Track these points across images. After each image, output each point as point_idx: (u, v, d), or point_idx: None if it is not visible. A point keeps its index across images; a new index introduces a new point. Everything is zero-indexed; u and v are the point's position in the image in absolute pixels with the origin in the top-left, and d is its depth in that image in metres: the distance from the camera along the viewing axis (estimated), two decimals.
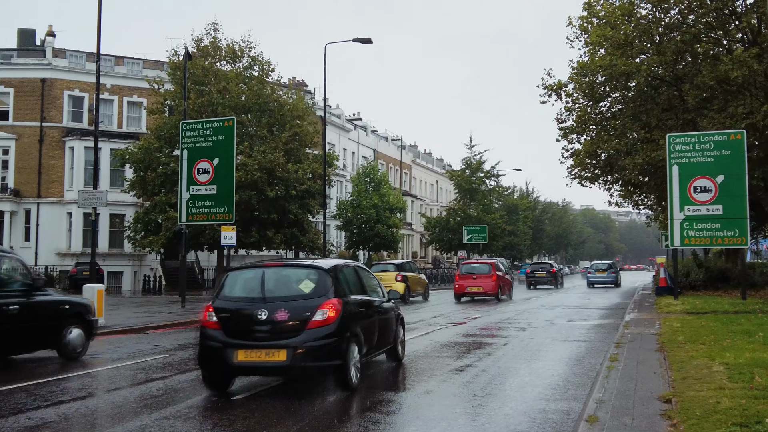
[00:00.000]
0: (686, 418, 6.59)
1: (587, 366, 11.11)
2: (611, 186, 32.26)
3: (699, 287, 29.04)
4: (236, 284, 9.52)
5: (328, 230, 39.82)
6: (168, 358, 12.57)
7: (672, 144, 21.53)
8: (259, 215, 33.39)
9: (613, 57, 24.78)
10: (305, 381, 9.66)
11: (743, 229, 20.80)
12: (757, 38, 24.13)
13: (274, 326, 8.69)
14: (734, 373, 8.72)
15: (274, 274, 9.53)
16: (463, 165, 59.05)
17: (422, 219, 64.31)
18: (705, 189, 20.95)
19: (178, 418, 7.64)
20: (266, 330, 8.71)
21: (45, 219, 41.10)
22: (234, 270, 10.02)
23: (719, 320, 15.96)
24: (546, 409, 7.90)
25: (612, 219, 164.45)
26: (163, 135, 33.80)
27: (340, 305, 8.92)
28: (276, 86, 36.60)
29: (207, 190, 22.72)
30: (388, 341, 10.96)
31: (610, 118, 28.87)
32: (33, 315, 11.66)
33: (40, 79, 41.82)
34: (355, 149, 62.60)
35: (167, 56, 36.02)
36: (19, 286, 11.60)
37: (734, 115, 22.96)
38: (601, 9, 26.04)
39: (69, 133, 41.63)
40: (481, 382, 9.74)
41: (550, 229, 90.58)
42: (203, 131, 23.12)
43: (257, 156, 32.31)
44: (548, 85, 27.99)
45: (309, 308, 8.79)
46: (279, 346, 8.58)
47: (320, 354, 8.62)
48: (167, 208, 32.05)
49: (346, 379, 8.89)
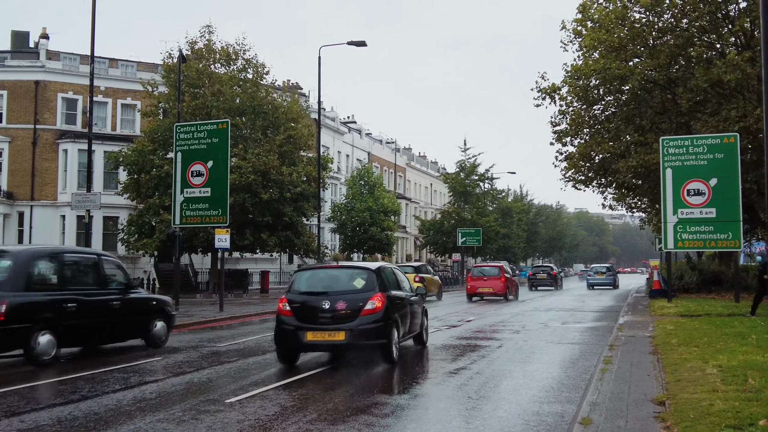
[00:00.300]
0: (680, 421, 6.61)
1: (581, 368, 11.12)
2: (605, 189, 32.34)
3: (692, 290, 29.12)
4: (303, 282, 12.31)
5: (322, 233, 39.79)
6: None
7: (665, 147, 21.58)
8: (253, 218, 33.32)
9: (607, 60, 24.86)
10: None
11: (736, 232, 20.85)
12: (750, 42, 24.23)
13: (335, 314, 11.28)
14: (727, 375, 8.74)
15: (332, 274, 12.43)
16: (457, 168, 59.13)
17: (416, 222, 64.34)
18: (698, 192, 21.00)
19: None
20: (329, 316, 11.29)
21: (38, 221, 40.94)
22: (300, 271, 13.16)
23: (713, 323, 16.00)
24: (540, 412, 7.91)
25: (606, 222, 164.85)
26: (157, 137, 33.71)
27: (384, 298, 11.53)
28: (270, 89, 36.58)
29: (201, 193, 22.68)
30: (416, 328, 13.57)
31: (604, 121, 28.95)
32: (129, 309, 14.00)
33: (33, 82, 41.68)
34: (349, 152, 62.61)
35: (161, 59, 35.94)
36: (118, 285, 13.96)
37: (727, 118, 23.05)
38: (595, 12, 26.12)
39: (62, 135, 41.49)
40: (476, 385, 9.74)
41: (544, 231, 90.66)
42: (197, 134, 23.08)
43: (251, 159, 32.27)
44: (542, 89, 28.07)
45: (361, 300, 11.39)
46: (339, 329, 11.15)
47: (370, 335, 11.23)
48: (161, 210, 31.97)
49: (390, 354, 11.54)
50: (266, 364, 11.78)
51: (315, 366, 11.61)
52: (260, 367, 11.48)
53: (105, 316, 13.38)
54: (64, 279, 12.83)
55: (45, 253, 13.04)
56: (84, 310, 12.77)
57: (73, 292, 12.73)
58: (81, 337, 13.19)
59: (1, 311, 11.21)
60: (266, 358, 12.54)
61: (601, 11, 25.78)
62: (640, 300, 29.18)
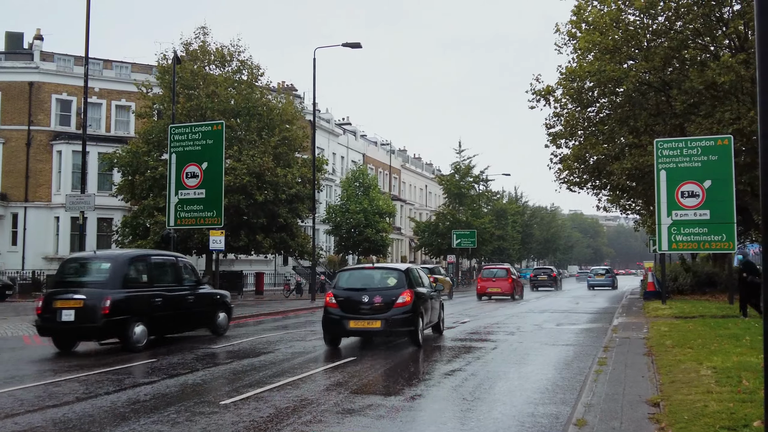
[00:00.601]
0: (674, 422, 6.62)
1: (576, 370, 11.14)
2: (599, 191, 32.36)
3: (687, 291, 29.18)
4: (345, 280, 14.77)
5: (317, 234, 39.74)
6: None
7: (660, 149, 21.62)
8: (248, 219, 33.28)
9: (602, 62, 24.88)
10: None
11: (730, 234, 20.90)
12: (744, 44, 24.29)
13: (373, 306, 13.86)
14: (722, 376, 8.77)
15: (369, 274, 15.02)
16: (452, 170, 59.17)
17: (411, 223, 64.33)
18: (692, 194, 21.03)
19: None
20: (368, 308, 13.87)
21: (32, 223, 40.83)
22: (343, 271, 15.79)
23: (707, 324, 16.04)
24: (535, 413, 7.91)
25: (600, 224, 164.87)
26: (151, 139, 33.64)
27: (412, 293, 14.07)
28: (265, 90, 36.53)
29: (196, 194, 22.64)
30: (435, 319, 16.10)
31: (598, 123, 28.97)
32: (200, 303, 16.29)
33: (27, 83, 41.58)
34: (344, 153, 62.61)
35: (156, 60, 35.82)
36: (190, 282, 16.21)
37: (721, 120, 23.10)
38: (590, 15, 26.14)
39: (57, 136, 41.38)
40: (470, 386, 9.74)
41: (539, 233, 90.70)
42: (192, 135, 23.04)
43: (246, 160, 32.23)
44: (537, 91, 28.08)
45: (394, 295, 13.92)
46: (376, 318, 13.75)
47: (402, 323, 13.85)
48: (155, 212, 31.91)
49: (417, 339, 14.16)
50: (261, 366, 11.77)
51: (311, 367, 11.62)
52: (255, 369, 11.46)
53: (183, 309, 15.65)
54: (151, 278, 15.01)
55: (136, 257, 15.29)
56: (167, 304, 15.06)
57: (159, 289, 14.97)
58: (165, 327, 15.48)
59: (105, 305, 13.36)
60: (261, 360, 12.53)
61: (596, 14, 25.80)
62: (635, 301, 29.24)
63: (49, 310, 13.75)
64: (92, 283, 14.07)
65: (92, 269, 14.58)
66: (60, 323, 13.54)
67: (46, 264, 39.70)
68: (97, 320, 13.37)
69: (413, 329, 13.99)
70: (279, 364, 11.93)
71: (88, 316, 13.40)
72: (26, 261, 39.85)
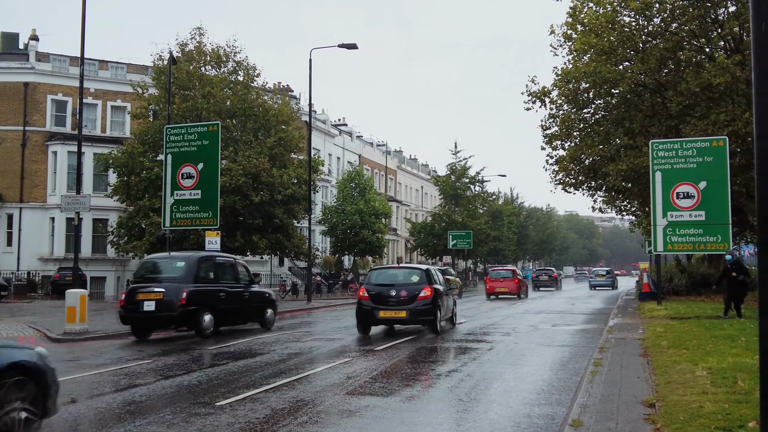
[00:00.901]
0: (670, 423, 6.63)
1: (571, 371, 11.14)
2: (595, 192, 32.41)
3: (682, 292, 29.24)
4: (375, 277, 17.74)
5: (313, 235, 39.68)
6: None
7: (655, 150, 21.65)
8: (243, 220, 33.23)
9: (597, 64, 24.92)
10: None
11: (726, 235, 20.93)
12: (740, 46, 24.35)
13: (399, 299, 16.58)
14: (717, 377, 8.78)
15: (395, 272, 18.19)
16: (448, 171, 59.19)
17: (407, 224, 64.34)
18: (688, 195, 21.05)
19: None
20: (395, 301, 16.60)
21: (27, 224, 40.74)
22: (373, 270, 19.33)
23: (702, 325, 16.08)
24: (531, 414, 7.92)
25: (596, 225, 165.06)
26: (147, 139, 33.56)
27: (432, 289, 16.74)
28: (261, 91, 36.49)
29: (191, 195, 22.58)
30: (449, 312, 18.73)
31: (594, 125, 29.02)
32: (253, 299, 18.56)
33: (23, 83, 41.51)
34: (340, 154, 62.59)
35: (152, 60, 35.77)
36: (245, 281, 18.48)
37: (716, 122, 23.15)
38: (585, 17, 26.18)
39: (52, 137, 41.31)
40: (466, 387, 9.74)
41: (535, 234, 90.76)
42: (188, 136, 22.98)
43: (242, 161, 32.19)
44: (532, 92, 28.12)
45: (417, 290, 16.60)
46: (402, 309, 16.46)
47: (423, 313, 16.50)
48: (151, 212, 31.83)
49: (436, 327, 16.82)
50: (257, 367, 11.75)
51: (307, 368, 11.61)
52: (251, 370, 11.45)
53: (241, 303, 17.94)
54: (216, 275, 17.49)
55: (204, 257, 17.79)
56: (229, 298, 17.35)
57: (222, 285, 17.41)
58: (227, 319, 17.68)
59: (182, 297, 15.64)
60: (257, 361, 12.52)
61: (591, 15, 25.84)
62: (630, 302, 29.27)
63: (132, 301, 15.96)
64: (169, 278, 16.33)
65: (169, 267, 16.92)
66: (142, 312, 15.74)
67: (42, 265, 39.64)
68: (175, 310, 15.65)
69: (432, 318, 16.59)
70: (275, 365, 11.92)
71: (167, 306, 15.66)
72: (21, 262, 39.77)
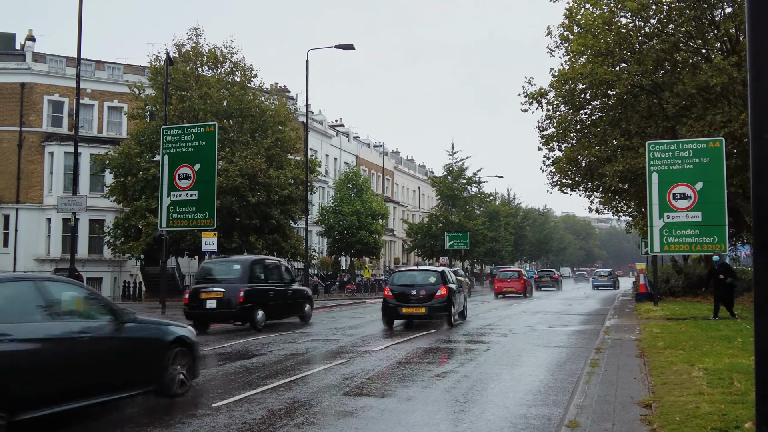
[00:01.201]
0: (666, 423, 6.64)
1: (568, 371, 11.14)
2: (591, 193, 32.43)
3: (678, 293, 29.26)
4: (398, 278, 20.56)
5: (309, 236, 39.68)
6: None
7: (651, 151, 21.69)
8: (240, 221, 33.21)
9: (594, 65, 24.94)
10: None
11: (722, 236, 20.98)
12: (736, 47, 24.39)
13: (419, 297, 19.17)
14: (713, 378, 8.79)
15: (415, 274, 20.77)
16: (445, 171, 59.18)
17: (404, 225, 64.32)
18: (684, 196, 21.10)
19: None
20: (415, 298, 19.20)
21: (24, 224, 40.61)
22: (396, 272, 22.89)
23: (698, 326, 16.10)
24: (527, 415, 7.92)
25: (592, 225, 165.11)
26: (143, 140, 33.53)
27: (447, 288, 19.40)
28: (258, 92, 36.46)
29: (188, 196, 22.60)
30: (461, 308, 21.37)
31: (591, 126, 29.03)
32: (295, 296, 21.02)
33: (19, 84, 41.37)
34: (337, 155, 62.56)
35: (148, 61, 35.70)
36: (287, 280, 20.77)
37: (713, 123, 23.18)
38: (582, 18, 26.19)
39: (48, 137, 41.19)
40: (463, 388, 9.74)
41: (531, 235, 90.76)
42: (184, 136, 23.00)
43: (239, 161, 32.17)
44: (529, 93, 28.12)
45: (434, 289, 19.29)
46: (422, 306, 19.03)
47: (440, 309, 19.18)
48: (147, 213, 31.81)
49: (451, 320, 19.61)
50: (253, 368, 11.74)
51: (304, 369, 11.61)
52: (247, 371, 11.44)
53: (285, 300, 20.27)
54: (266, 276, 19.81)
55: (256, 260, 20.14)
56: (276, 296, 19.70)
57: (271, 284, 19.74)
58: (275, 314, 19.79)
59: (240, 295, 17.96)
60: (253, 362, 12.51)
61: (588, 16, 25.85)
62: (627, 303, 29.30)
63: (195, 300, 18.30)
64: (228, 279, 18.61)
65: (227, 270, 19.27)
66: (205, 309, 17.99)
67: (38, 265, 39.52)
68: (234, 307, 17.93)
69: (448, 314, 19.37)
70: (272, 366, 11.91)
71: (227, 303, 17.96)
72: (18, 262, 39.64)
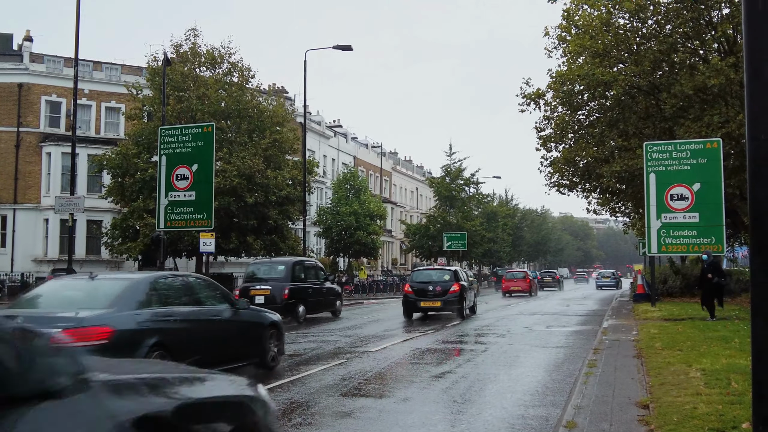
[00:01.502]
0: (663, 424, 6.64)
1: (566, 372, 11.15)
2: (589, 194, 32.43)
3: (676, 294, 29.30)
4: (416, 276, 23.63)
5: (307, 237, 39.69)
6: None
7: (649, 152, 21.70)
8: (238, 222, 33.17)
9: (592, 66, 24.97)
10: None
11: (720, 237, 20.99)
12: (733, 48, 24.42)
13: (435, 293, 21.90)
14: (711, 378, 8.80)
15: (431, 272, 24.05)
16: (443, 172, 59.19)
17: (402, 226, 64.29)
18: (681, 197, 21.10)
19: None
20: (432, 294, 21.94)
21: (21, 225, 40.57)
22: (415, 271, 27.09)
23: (696, 326, 16.12)
24: (525, 415, 7.92)
25: (590, 226, 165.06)
26: (141, 141, 33.47)
27: (459, 285, 22.17)
28: (256, 92, 36.42)
29: (185, 197, 22.55)
30: (471, 303, 23.98)
31: (588, 127, 29.05)
32: (328, 293, 23.37)
33: (17, 84, 41.34)
34: (335, 156, 62.56)
35: (146, 62, 35.61)
36: (320, 278, 23.20)
37: (710, 124, 23.20)
38: (580, 19, 26.21)
39: (46, 138, 41.16)
40: (461, 389, 9.74)
41: (529, 236, 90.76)
42: (182, 137, 22.95)
43: (236, 162, 32.13)
44: (527, 94, 28.12)
45: (448, 285, 22.06)
46: (437, 300, 21.83)
47: (453, 303, 21.93)
48: (145, 214, 31.75)
49: (462, 314, 22.16)
50: (250, 368, 11.74)
51: (300, 370, 11.61)
52: (244, 371, 11.42)
53: (320, 296, 22.60)
54: (305, 275, 22.22)
55: (297, 261, 22.71)
56: (313, 293, 22.08)
57: (309, 283, 22.18)
58: (313, 309, 21.95)
59: (285, 293, 20.39)
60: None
61: (586, 17, 25.87)
62: (624, 304, 29.33)
63: (245, 296, 19.19)
64: (274, 278, 21.19)
65: (273, 270, 21.76)
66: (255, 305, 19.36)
67: (36, 266, 39.48)
68: (279, 302, 19.83)
69: (460, 307, 22.03)
70: None
71: (273, 299, 19.92)
72: (15, 263, 39.61)
